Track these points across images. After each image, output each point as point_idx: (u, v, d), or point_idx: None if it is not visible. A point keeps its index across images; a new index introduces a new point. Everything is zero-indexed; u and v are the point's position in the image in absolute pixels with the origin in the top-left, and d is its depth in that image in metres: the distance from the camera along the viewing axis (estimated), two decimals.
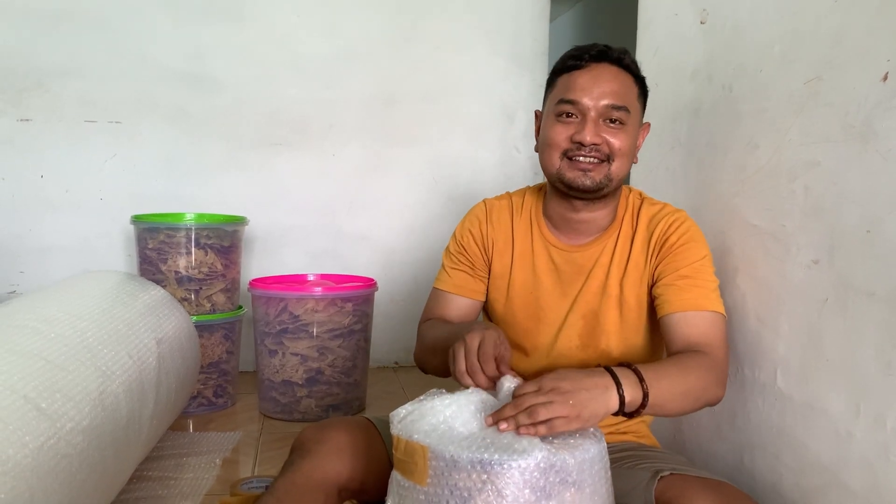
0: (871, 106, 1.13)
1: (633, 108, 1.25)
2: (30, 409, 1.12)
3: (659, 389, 1.03)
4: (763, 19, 1.42)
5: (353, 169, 2.86)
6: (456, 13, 2.90)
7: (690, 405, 1.13)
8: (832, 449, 1.21)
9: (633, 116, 1.24)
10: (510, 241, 1.38)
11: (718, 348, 1.19)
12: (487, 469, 0.87)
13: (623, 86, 1.23)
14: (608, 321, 1.30)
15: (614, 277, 1.30)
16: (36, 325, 1.40)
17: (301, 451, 1.15)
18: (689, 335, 1.20)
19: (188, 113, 2.68)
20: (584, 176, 1.23)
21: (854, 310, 1.16)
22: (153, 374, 1.63)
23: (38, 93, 2.54)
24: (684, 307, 1.22)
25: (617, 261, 1.30)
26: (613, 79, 1.23)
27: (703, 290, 1.23)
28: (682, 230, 1.28)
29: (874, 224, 1.12)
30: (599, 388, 0.99)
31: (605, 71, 1.23)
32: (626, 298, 1.30)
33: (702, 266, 1.26)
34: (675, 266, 1.26)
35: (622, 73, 1.24)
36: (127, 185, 2.64)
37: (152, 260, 2.25)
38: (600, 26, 3.87)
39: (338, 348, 2.26)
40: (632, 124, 1.24)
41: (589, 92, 1.22)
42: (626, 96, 1.23)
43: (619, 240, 1.32)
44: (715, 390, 1.15)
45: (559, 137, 1.24)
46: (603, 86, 1.22)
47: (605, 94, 1.21)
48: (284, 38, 2.75)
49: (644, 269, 1.29)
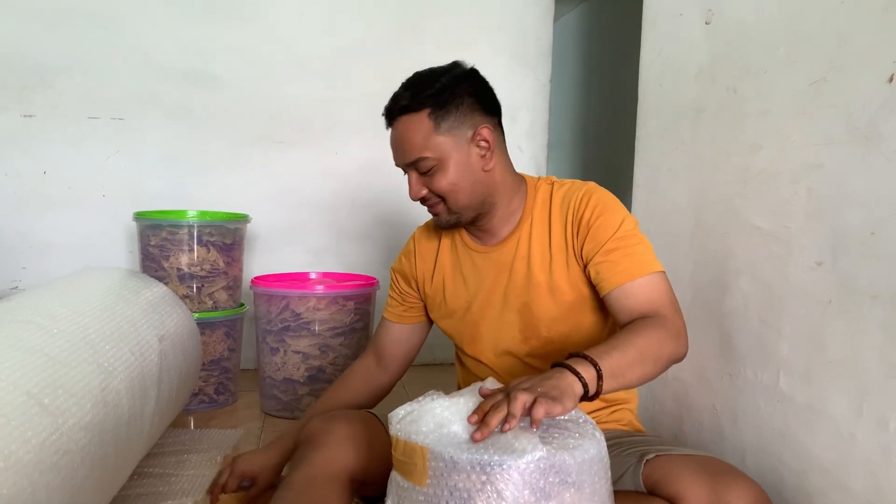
0: (875, 107, 1.13)
1: (432, 146, 1.25)
2: (32, 405, 1.12)
3: (609, 360, 1.03)
4: (768, 20, 1.42)
5: (355, 167, 2.86)
6: (459, 12, 2.90)
7: (652, 367, 1.10)
8: (834, 450, 1.21)
9: (438, 154, 1.25)
10: (434, 261, 1.46)
11: (663, 306, 1.19)
12: (487, 470, 0.87)
13: (413, 134, 1.25)
14: (542, 309, 1.31)
15: (538, 266, 1.31)
16: (38, 321, 1.40)
17: (311, 443, 1.16)
18: (632, 306, 1.20)
19: (191, 110, 2.68)
20: (438, 219, 1.34)
21: (857, 312, 1.16)
22: (155, 370, 1.63)
23: (41, 89, 2.54)
24: (620, 280, 1.21)
25: (537, 249, 1.31)
26: (403, 134, 1.26)
27: (632, 256, 1.22)
28: (592, 203, 1.27)
29: (878, 226, 1.12)
30: (556, 374, 0.99)
31: (397, 129, 1.28)
32: (556, 283, 1.30)
33: (624, 233, 1.24)
34: (598, 242, 1.25)
35: (411, 120, 1.25)
36: (129, 182, 2.64)
37: (154, 257, 2.25)
38: (604, 26, 3.87)
39: (339, 346, 2.26)
40: (443, 160, 1.25)
41: (395, 155, 1.30)
42: (420, 144, 1.25)
43: (532, 229, 1.33)
44: (673, 345, 1.13)
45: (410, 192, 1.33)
46: (398, 146, 1.28)
47: (401, 154, 1.28)
48: (287, 36, 2.75)
49: (568, 251, 1.29)
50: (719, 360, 1.53)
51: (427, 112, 1.25)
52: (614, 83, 3.63)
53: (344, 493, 1.11)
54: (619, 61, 3.62)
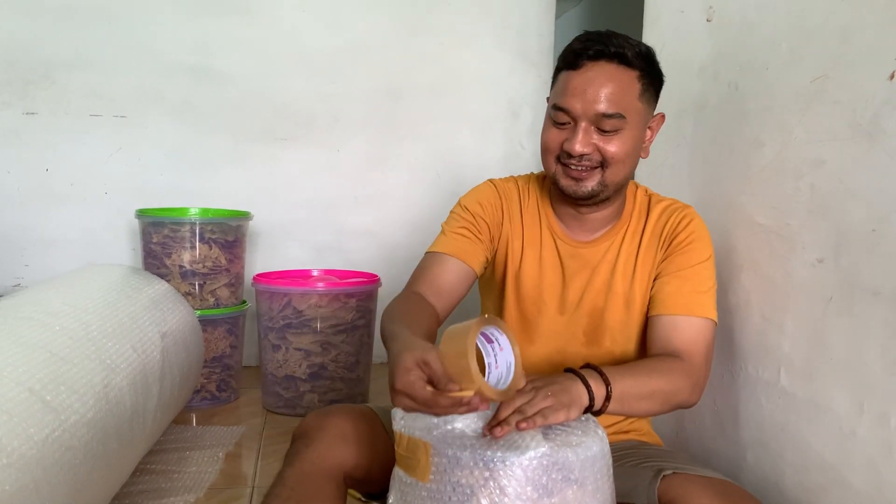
0: (878, 104, 1.12)
1: (632, 109, 1.16)
2: (35, 402, 1.13)
3: (622, 385, 1.04)
4: (770, 16, 1.41)
5: (357, 163, 2.86)
6: (462, 8, 2.90)
7: (658, 407, 1.12)
8: (835, 447, 1.21)
9: (631, 119, 1.17)
10: (520, 225, 1.34)
11: (698, 355, 1.17)
12: (490, 466, 0.87)
13: (619, 87, 1.15)
14: (613, 319, 1.29)
15: (621, 275, 1.28)
16: (41, 318, 1.40)
17: (305, 439, 1.15)
18: (672, 339, 1.19)
19: (194, 107, 2.68)
20: (576, 184, 1.20)
21: (859, 308, 1.16)
22: (157, 367, 1.63)
23: (44, 86, 2.55)
24: (675, 310, 1.20)
25: (624, 258, 1.28)
26: (608, 81, 1.14)
27: (697, 294, 1.21)
28: (690, 228, 1.26)
29: (880, 223, 1.11)
30: (568, 381, 1.01)
31: (601, 73, 1.15)
32: (633, 297, 1.28)
33: (703, 268, 1.24)
34: (676, 265, 1.24)
35: (621, 72, 1.15)
36: (132, 178, 2.64)
37: (157, 254, 2.25)
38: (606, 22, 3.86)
39: (341, 343, 2.26)
40: (631, 127, 1.17)
41: (581, 98, 1.15)
42: (622, 100, 1.15)
43: (625, 237, 1.30)
44: (687, 395, 1.14)
45: (553, 143, 1.20)
46: (596, 91, 1.14)
47: (596, 101, 1.14)
48: (290, 32, 2.75)
49: (652, 267, 1.27)
50: (720, 357, 1.53)
51: (638, 74, 1.17)
52: None
53: (338, 489, 1.10)
54: None
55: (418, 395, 0.89)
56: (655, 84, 1.22)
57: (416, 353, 0.92)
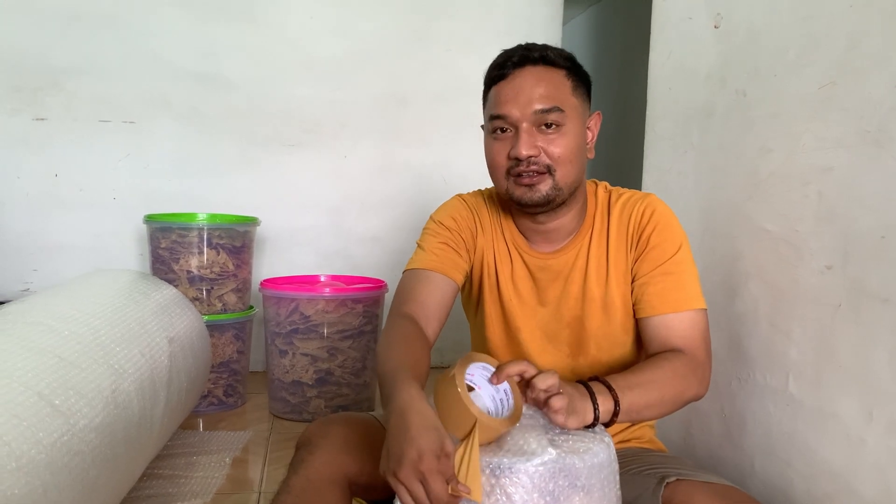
0: (885, 111, 1.12)
1: (568, 104, 1.16)
2: (44, 406, 1.13)
3: (630, 398, 1.04)
4: (777, 23, 1.42)
5: (364, 169, 2.87)
6: (468, 14, 2.91)
7: (669, 409, 1.12)
8: (844, 455, 1.20)
9: (570, 113, 1.16)
10: (492, 241, 1.31)
11: (698, 348, 1.17)
12: (496, 472, 0.87)
13: (551, 85, 1.15)
14: (593, 326, 1.26)
15: (594, 280, 1.25)
16: (50, 323, 1.41)
17: (309, 447, 1.15)
18: (668, 338, 1.18)
19: (201, 113, 2.70)
20: (530, 191, 1.17)
21: (867, 315, 1.15)
22: (165, 372, 1.64)
23: (53, 92, 2.56)
24: (663, 310, 1.19)
25: (595, 263, 1.25)
26: (538, 81, 1.15)
27: (682, 288, 1.19)
28: (655, 219, 1.22)
29: (888, 230, 1.11)
30: (580, 393, 1.01)
31: (529, 76, 1.16)
32: (611, 300, 1.24)
33: (680, 259, 1.20)
34: (653, 262, 1.21)
35: (548, 72, 1.16)
36: (140, 184, 2.66)
37: (164, 259, 2.26)
38: (613, 29, 3.87)
39: (348, 349, 2.26)
40: (571, 123, 1.16)
41: (515, 102, 1.15)
42: (556, 95, 1.15)
43: (592, 240, 1.26)
44: (696, 389, 1.14)
45: (499, 157, 1.19)
46: (529, 92, 1.15)
47: (531, 101, 1.14)
48: (297, 39, 2.77)
49: (626, 266, 1.24)
50: (728, 364, 1.53)
51: (565, 72, 1.18)
52: (623, 86, 3.62)
53: (343, 496, 1.10)
54: (627, 64, 3.62)
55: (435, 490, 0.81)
56: (584, 84, 1.22)
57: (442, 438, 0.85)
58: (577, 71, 1.21)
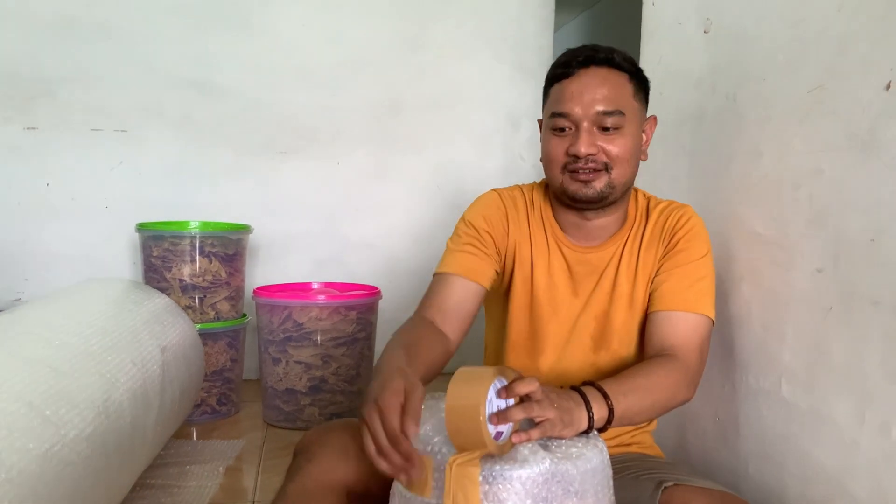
0: (874, 114, 1.13)
1: (629, 108, 1.21)
2: (34, 416, 1.13)
3: (624, 404, 1.06)
4: (767, 28, 1.42)
5: (358, 176, 2.87)
6: (461, 21, 2.91)
7: (657, 414, 1.19)
8: (838, 457, 1.20)
9: (630, 117, 1.21)
10: (528, 234, 1.35)
11: (691, 352, 1.20)
12: (489, 479, 0.87)
13: (614, 88, 1.20)
14: (618, 321, 1.30)
15: (624, 276, 1.30)
16: (41, 333, 1.40)
17: (307, 454, 1.14)
18: (667, 335, 1.22)
19: (194, 121, 2.69)
20: (585, 187, 1.22)
21: (859, 318, 1.16)
22: (157, 381, 1.63)
23: (45, 101, 2.56)
24: (671, 306, 1.23)
25: (626, 259, 1.30)
26: (603, 83, 1.20)
27: (695, 291, 1.24)
28: (688, 226, 1.29)
29: (878, 232, 1.12)
30: (572, 402, 1.01)
31: (594, 76, 1.20)
32: (636, 297, 1.30)
33: (700, 265, 1.26)
34: (674, 262, 1.27)
35: (613, 74, 1.21)
36: (132, 192, 2.65)
37: (157, 268, 2.26)
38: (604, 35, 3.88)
39: (341, 356, 2.26)
40: (630, 125, 1.22)
41: (579, 101, 1.19)
42: (619, 98, 1.20)
43: (628, 240, 1.32)
44: (684, 394, 1.18)
45: (556, 152, 1.24)
46: (592, 93, 1.19)
47: (595, 102, 1.19)
48: (291, 46, 2.76)
49: (653, 265, 1.30)
50: (721, 368, 1.53)
51: (628, 76, 1.23)
52: None
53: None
54: None
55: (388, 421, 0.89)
56: (644, 88, 1.28)
57: (409, 380, 0.94)
58: (639, 75, 1.26)
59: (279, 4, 2.73)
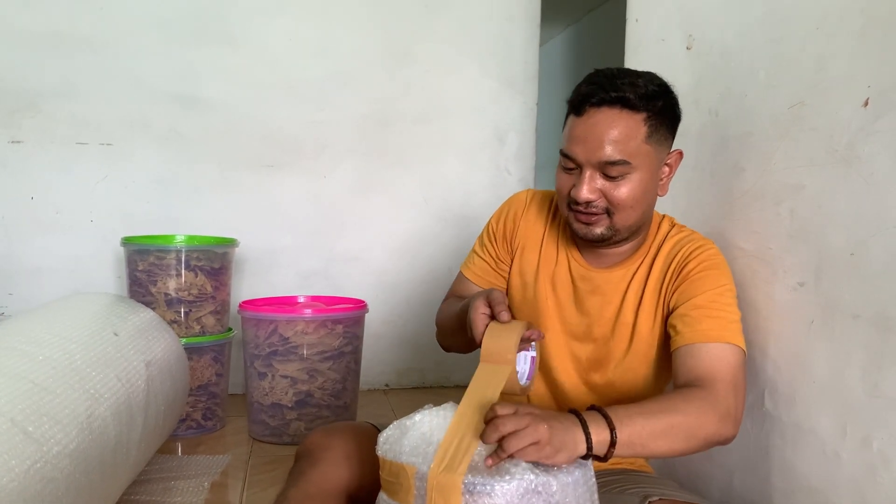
0: (853, 130, 1.15)
1: (638, 153, 1.14)
2: (16, 433, 1.12)
3: (630, 428, 0.98)
4: (748, 45, 1.44)
5: (344, 190, 2.87)
6: (447, 36, 2.93)
7: (683, 444, 1.03)
8: (821, 470, 1.21)
9: (638, 163, 1.15)
10: (540, 241, 1.34)
11: (721, 381, 1.09)
12: (471, 490, 0.87)
13: (623, 133, 1.13)
14: (617, 349, 1.26)
15: (629, 305, 1.25)
16: (23, 348, 1.39)
17: (309, 458, 1.14)
18: (693, 368, 1.12)
19: (180, 134, 2.69)
20: (586, 228, 1.20)
21: (840, 331, 1.17)
22: (142, 396, 1.62)
23: (30, 114, 2.55)
24: (692, 339, 1.14)
25: (634, 288, 1.25)
26: (610, 128, 1.13)
27: (717, 320, 1.15)
28: (702, 258, 1.21)
29: (858, 247, 1.13)
30: (569, 422, 0.96)
31: (603, 120, 1.13)
32: (639, 328, 1.24)
33: (718, 295, 1.17)
34: (689, 294, 1.18)
35: (625, 117, 1.13)
36: (118, 206, 2.64)
37: (142, 282, 2.24)
38: (589, 50, 3.92)
39: (328, 370, 2.25)
40: (638, 171, 1.15)
41: (583, 146, 1.14)
42: (627, 145, 1.13)
43: (640, 267, 1.27)
44: (715, 426, 1.05)
45: (563, 188, 1.21)
46: (598, 138, 1.13)
47: (599, 149, 1.13)
48: (277, 60, 2.77)
49: (659, 299, 1.23)
50: None
51: (644, 116, 1.14)
52: None
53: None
54: None
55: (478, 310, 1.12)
56: (668, 122, 1.20)
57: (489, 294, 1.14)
58: (662, 110, 1.17)
59: (265, 18, 2.74)
